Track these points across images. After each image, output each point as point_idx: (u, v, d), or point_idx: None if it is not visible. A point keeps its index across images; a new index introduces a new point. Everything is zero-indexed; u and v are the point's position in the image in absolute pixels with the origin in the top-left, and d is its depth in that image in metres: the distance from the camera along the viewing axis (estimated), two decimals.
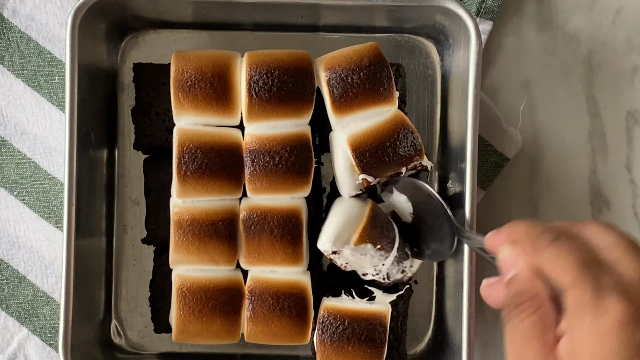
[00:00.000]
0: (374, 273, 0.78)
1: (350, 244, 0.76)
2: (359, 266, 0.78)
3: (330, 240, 0.76)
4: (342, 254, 0.76)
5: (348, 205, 0.78)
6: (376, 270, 0.77)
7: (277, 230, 0.76)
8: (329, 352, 0.76)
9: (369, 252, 0.76)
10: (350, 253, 0.76)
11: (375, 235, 0.76)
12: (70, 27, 0.75)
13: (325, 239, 0.76)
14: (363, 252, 0.76)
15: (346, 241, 0.76)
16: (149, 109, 0.81)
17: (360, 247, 0.76)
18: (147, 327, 0.84)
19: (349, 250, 0.76)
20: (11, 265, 0.85)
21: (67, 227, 0.75)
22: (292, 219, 0.76)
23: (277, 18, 0.82)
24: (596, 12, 0.88)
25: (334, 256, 0.77)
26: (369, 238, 0.76)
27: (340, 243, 0.76)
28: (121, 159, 0.84)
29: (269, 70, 0.75)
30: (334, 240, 0.76)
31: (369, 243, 0.76)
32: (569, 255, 0.55)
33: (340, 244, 0.76)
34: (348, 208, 0.77)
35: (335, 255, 0.77)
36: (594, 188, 0.88)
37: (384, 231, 0.77)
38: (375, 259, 0.77)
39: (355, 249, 0.76)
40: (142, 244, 0.84)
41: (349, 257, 0.76)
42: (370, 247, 0.76)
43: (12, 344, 0.85)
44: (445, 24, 0.79)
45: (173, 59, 0.77)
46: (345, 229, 0.76)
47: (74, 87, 0.75)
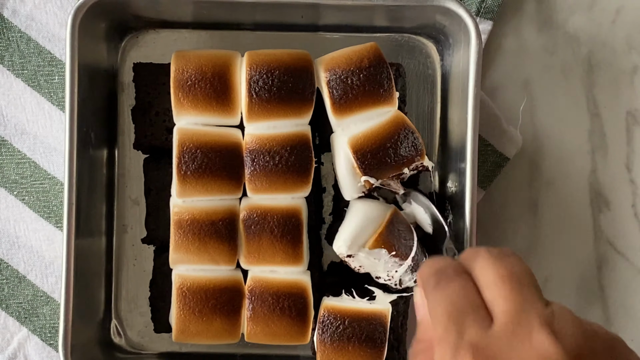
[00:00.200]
0: (387, 278, 0.78)
1: (365, 247, 0.76)
2: (372, 269, 0.78)
3: (346, 244, 0.76)
4: (357, 257, 0.76)
5: (368, 208, 0.78)
6: (389, 276, 0.77)
7: (277, 230, 0.76)
8: (329, 351, 0.76)
9: (383, 257, 0.76)
10: (364, 256, 0.76)
11: (391, 242, 0.76)
12: (70, 26, 0.74)
13: (342, 242, 0.76)
14: (377, 257, 0.76)
15: (362, 245, 0.76)
16: (149, 109, 0.81)
17: (375, 252, 0.76)
18: (147, 326, 0.84)
19: (364, 253, 0.76)
20: (11, 265, 0.85)
21: (67, 227, 0.75)
22: (292, 219, 0.76)
23: (277, 18, 0.82)
24: (596, 12, 0.88)
25: (348, 259, 0.77)
26: (384, 243, 0.76)
27: (356, 247, 0.76)
28: (121, 159, 0.84)
29: (269, 70, 0.75)
30: (350, 244, 0.76)
31: (384, 248, 0.76)
32: (443, 303, 0.55)
33: (356, 248, 0.76)
34: (367, 211, 0.77)
35: (349, 258, 0.77)
36: (594, 188, 0.88)
37: (401, 239, 0.77)
38: (389, 264, 0.77)
39: (369, 253, 0.76)
40: (142, 243, 0.84)
41: (363, 260, 0.77)
42: (385, 252, 0.76)
43: (12, 344, 0.85)
44: (446, 24, 0.79)
45: (173, 59, 0.77)
46: (362, 232, 0.76)
47: (74, 87, 0.75)
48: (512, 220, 0.87)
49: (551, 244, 0.87)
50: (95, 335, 0.81)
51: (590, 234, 0.87)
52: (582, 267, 0.87)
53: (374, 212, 0.77)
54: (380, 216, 0.77)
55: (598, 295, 0.87)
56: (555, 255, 0.87)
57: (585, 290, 0.87)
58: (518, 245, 0.87)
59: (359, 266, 0.78)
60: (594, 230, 0.87)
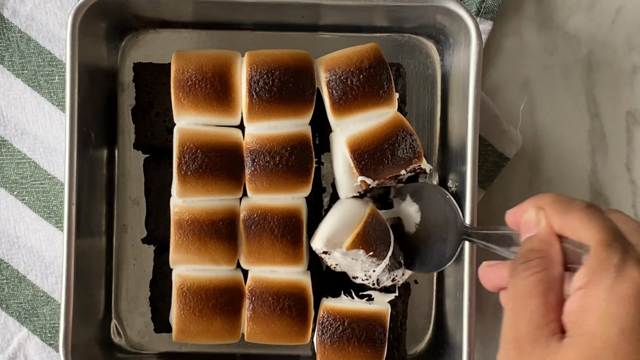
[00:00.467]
0: (364, 278, 0.77)
1: (342, 247, 0.76)
2: (349, 269, 0.78)
3: (322, 241, 0.76)
4: (333, 255, 0.76)
5: (347, 207, 0.77)
6: (366, 276, 0.77)
7: (278, 230, 0.76)
8: (329, 352, 0.76)
9: (361, 257, 0.76)
10: (341, 256, 0.76)
11: (369, 242, 0.76)
12: (70, 26, 0.74)
13: (318, 238, 0.76)
14: (354, 257, 0.76)
15: (339, 244, 0.76)
16: (149, 109, 0.81)
17: (352, 252, 0.76)
18: (147, 326, 0.84)
19: (340, 253, 0.76)
20: (11, 265, 0.85)
21: (67, 227, 0.75)
22: (292, 219, 0.76)
23: (278, 18, 0.82)
24: (596, 12, 0.88)
25: (324, 256, 0.77)
26: (362, 244, 0.75)
27: (332, 245, 0.76)
28: (121, 159, 0.84)
29: (270, 70, 0.75)
30: (326, 241, 0.76)
31: (362, 249, 0.76)
32: (600, 220, 0.56)
33: (332, 246, 0.76)
34: (346, 210, 0.77)
35: (325, 255, 0.77)
36: (593, 188, 0.88)
37: (379, 239, 0.76)
38: (367, 264, 0.76)
39: (346, 253, 0.76)
40: (142, 243, 0.84)
41: (339, 259, 0.76)
42: (363, 253, 0.76)
43: (12, 344, 0.85)
44: (446, 24, 0.79)
45: (173, 59, 0.77)
46: (340, 231, 0.76)
47: (74, 87, 0.75)
48: None
49: None
50: (95, 335, 0.81)
51: None
52: None
53: (353, 209, 0.77)
54: (359, 214, 0.77)
55: None
56: None
57: None
58: None
59: (335, 264, 0.77)
60: None
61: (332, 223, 0.76)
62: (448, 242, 0.76)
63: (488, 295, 0.85)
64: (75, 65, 0.75)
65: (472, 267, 0.75)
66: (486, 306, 0.85)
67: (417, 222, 0.79)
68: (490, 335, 0.86)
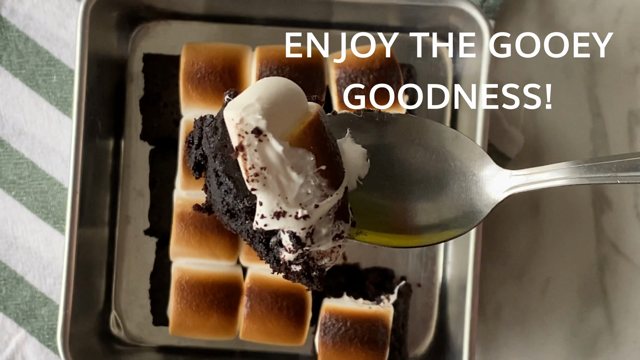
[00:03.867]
0: (298, 216, 0.51)
1: (284, 139, 0.51)
2: (279, 193, 0.51)
3: (252, 108, 0.50)
4: (265, 146, 0.50)
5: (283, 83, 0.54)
6: (302, 213, 0.51)
7: None
8: (331, 353, 0.76)
9: (306, 170, 0.51)
10: (275, 157, 0.50)
11: (322, 146, 0.51)
12: (81, 14, 0.74)
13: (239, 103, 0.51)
14: (297, 166, 0.51)
15: (278, 128, 0.51)
16: (157, 100, 0.81)
17: (297, 153, 0.51)
18: (146, 319, 0.83)
19: (280, 148, 0.51)
20: (9, 266, 0.84)
21: (71, 215, 0.75)
22: None
23: (290, 13, 0.81)
24: (598, 12, 0.88)
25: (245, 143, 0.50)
26: (313, 144, 0.51)
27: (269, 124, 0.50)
28: (127, 150, 0.84)
29: (280, 66, 0.75)
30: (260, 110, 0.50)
31: (312, 153, 0.51)
32: None
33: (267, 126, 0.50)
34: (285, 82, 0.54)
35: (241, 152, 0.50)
36: (595, 188, 0.88)
37: (334, 155, 0.53)
38: (310, 189, 0.52)
39: (289, 152, 0.51)
40: (144, 235, 0.83)
41: (273, 160, 0.50)
42: (312, 161, 0.51)
43: (10, 346, 0.84)
44: (459, 26, 0.79)
45: (184, 51, 0.76)
46: (278, 105, 0.51)
47: (83, 75, 0.75)
48: (513, 221, 0.87)
49: (553, 245, 0.87)
50: (94, 326, 0.81)
51: (592, 234, 0.87)
52: (583, 268, 0.87)
53: (294, 87, 0.55)
54: (302, 101, 0.55)
55: (600, 297, 0.87)
56: (557, 256, 0.87)
57: (587, 292, 0.87)
58: (519, 246, 0.87)
59: (256, 173, 0.51)
60: (595, 231, 0.87)
61: (267, 86, 0.53)
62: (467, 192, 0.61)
63: (489, 298, 0.85)
64: (85, 53, 0.75)
65: (476, 272, 0.76)
66: (487, 308, 0.85)
67: (361, 175, 0.59)
68: (491, 337, 0.86)
